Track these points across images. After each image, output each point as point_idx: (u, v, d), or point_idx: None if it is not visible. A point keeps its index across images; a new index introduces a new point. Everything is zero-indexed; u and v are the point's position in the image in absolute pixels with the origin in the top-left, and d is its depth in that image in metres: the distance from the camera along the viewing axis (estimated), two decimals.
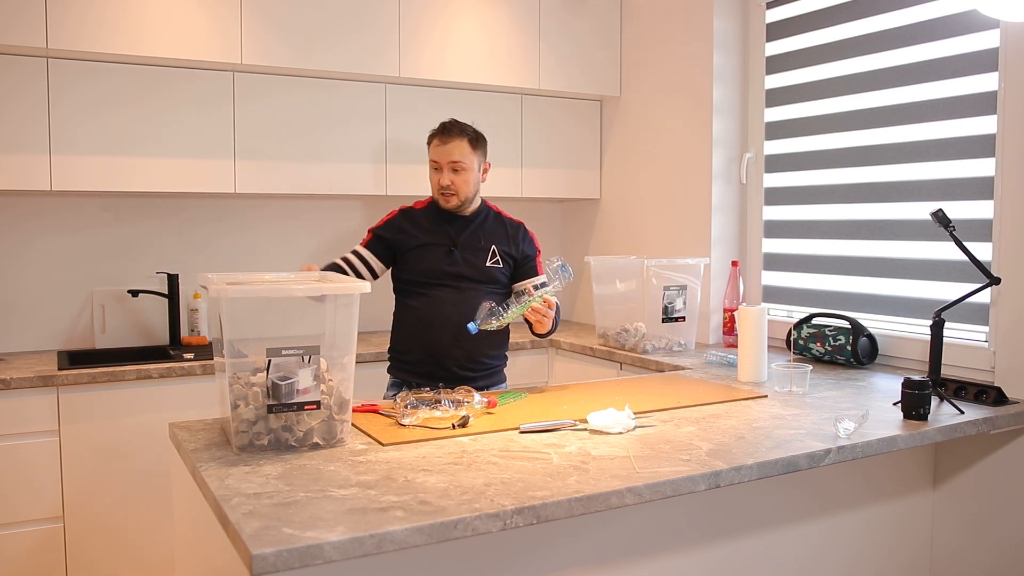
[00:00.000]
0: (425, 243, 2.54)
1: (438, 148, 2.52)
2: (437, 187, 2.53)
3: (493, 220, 2.64)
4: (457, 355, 2.50)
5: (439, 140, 2.53)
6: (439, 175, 2.52)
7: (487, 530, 1.38)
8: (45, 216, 3.14)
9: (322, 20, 3.12)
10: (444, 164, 2.50)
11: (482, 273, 2.55)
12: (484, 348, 2.55)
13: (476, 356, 2.54)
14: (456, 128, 2.53)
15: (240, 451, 1.69)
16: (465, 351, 2.51)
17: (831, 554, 2.17)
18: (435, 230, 2.56)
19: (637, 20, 3.62)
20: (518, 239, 2.64)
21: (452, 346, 2.48)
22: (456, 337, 2.46)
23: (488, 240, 2.58)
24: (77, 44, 2.76)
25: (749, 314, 2.44)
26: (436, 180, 2.53)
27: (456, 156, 2.50)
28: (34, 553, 2.65)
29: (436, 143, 2.54)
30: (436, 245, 2.54)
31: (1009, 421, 2.14)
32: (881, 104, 2.74)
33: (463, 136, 2.52)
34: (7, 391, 2.59)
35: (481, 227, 2.59)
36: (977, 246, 2.38)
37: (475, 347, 2.52)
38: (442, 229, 2.56)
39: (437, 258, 2.52)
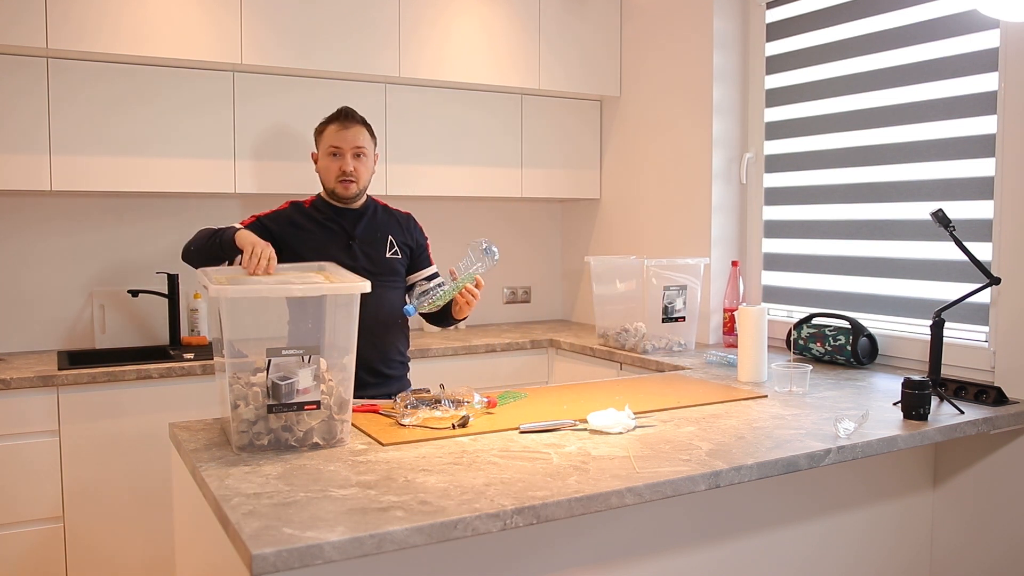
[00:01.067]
0: (321, 239, 2.43)
1: (339, 133, 2.45)
2: (338, 173, 2.43)
3: (383, 212, 2.58)
4: (370, 358, 2.38)
5: (340, 125, 2.46)
6: (340, 161, 2.44)
7: (487, 530, 1.38)
8: (45, 216, 3.14)
9: (322, 20, 3.12)
10: (347, 150, 2.44)
11: (383, 266, 2.48)
12: (392, 349, 2.49)
13: (388, 353, 2.48)
14: (355, 115, 2.49)
15: (240, 451, 1.69)
16: (378, 349, 2.43)
17: (831, 554, 2.17)
18: (329, 225, 2.47)
19: (637, 20, 3.62)
20: (411, 228, 2.61)
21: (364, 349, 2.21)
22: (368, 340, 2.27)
23: (383, 231, 2.53)
24: (77, 44, 2.76)
25: (749, 314, 2.44)
26: (337, 167, 2.43)
27: (360, 142, 2.45)
28: (34, 553, 2.65)
29: (336, 128, 2.46)
30: (333, 241, 2.45)
31: (1009, 421, 2.14)
32: (881, 104, 2.74)
33: (362, 123, 2.49)
34: (7, 391, 2.59)
35: (373, 219, 2.54)
36: (977, 246, 2.38)
37: (385, 348, 2.45)
38: (336, 223, 2.48)
39: (336, 254, 2.40)
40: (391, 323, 2.50)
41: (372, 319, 2.34)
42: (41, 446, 2.64)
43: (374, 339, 2.39)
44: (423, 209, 3.69)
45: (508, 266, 4.01)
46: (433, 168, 3.45)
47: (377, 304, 2.39)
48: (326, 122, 2.51)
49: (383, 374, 2.48)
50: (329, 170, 2.46)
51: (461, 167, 3.51)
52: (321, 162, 2.49)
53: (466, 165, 3.52)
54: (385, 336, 2.48)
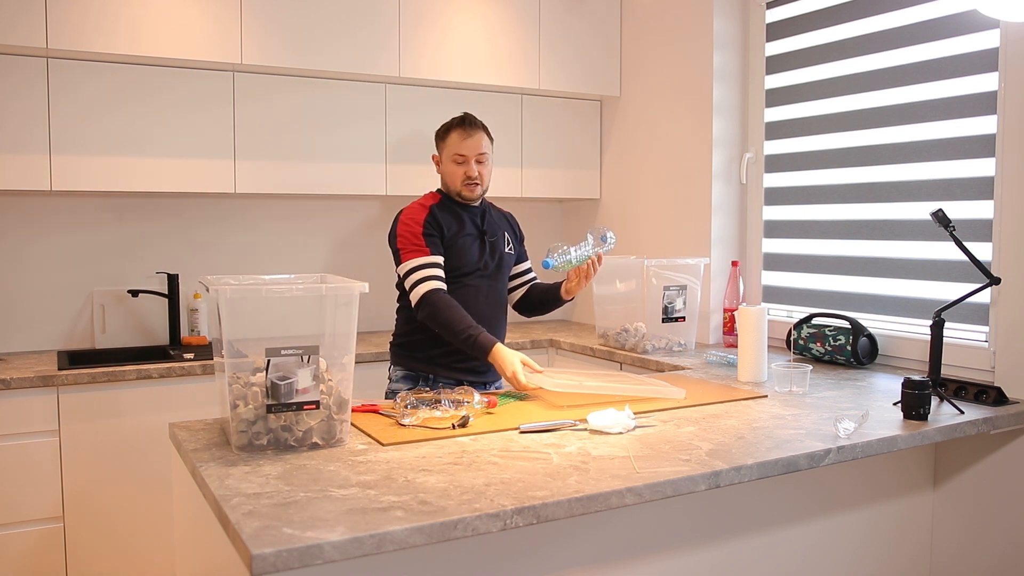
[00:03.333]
0: (463, 235, 2.54)
1: (465, 141, 2.54)
2: (463, 178, 2.53)
3: (493, 210, 2.70)
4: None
5: (464, 132, 2.55)
6: (465, 167, 2.54)
7: (487, 530, 1.38)
8: (45, 216, 3.14)
9: (322, 20, 3.12)
10: (471, 156, 2.53)
11: (505, 260, 2.62)
12: (502, 334, 2.61)
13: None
14: (477, 121, 2.59)
15: (240, 451, 1.69)
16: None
17: (831, 554, 2.17)
18: (464, 221, 2.57)
19: (637, 20, 3.62)
20: (515, 226, 2.75)
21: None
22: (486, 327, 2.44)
23: (501, 228, 2.65)
24: (77, 44, 2.76)
25: (749, 314, 2.44)
26: (462, 172, 2.53)
27: (482, 148, 2.55)
28: (34, 553, 2.65)
29: (460, 135, 2.55)
30: (471, 236, 2.56)
31: (1009, 421, 2.14)
32: (881, 104, 2.74)
33: (483, 129, 2.59)
34: (7, 391, 2.59)
35: (492, 216, 2.65)
36: (977, 246, 2.38)
37: (499, 335, 2.57)
38: (468, 220, 2.58)
39: (475, 249, 2.54)
40: (502, 315, 2.64)
41: (491, 312, 2.55)
42: (41, 446, 2.64)
43: (492, 329, 2.49)
44: None
45: None
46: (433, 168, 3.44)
47: (498, 296, 2.59)
48: (449, 127, 2.58)
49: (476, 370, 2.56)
50: (455, 174, 2.55)
51: None
52: (446, 166, 2.57)
53: None
54: (498, 326, 2.59)
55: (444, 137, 2.59)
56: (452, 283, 2.50)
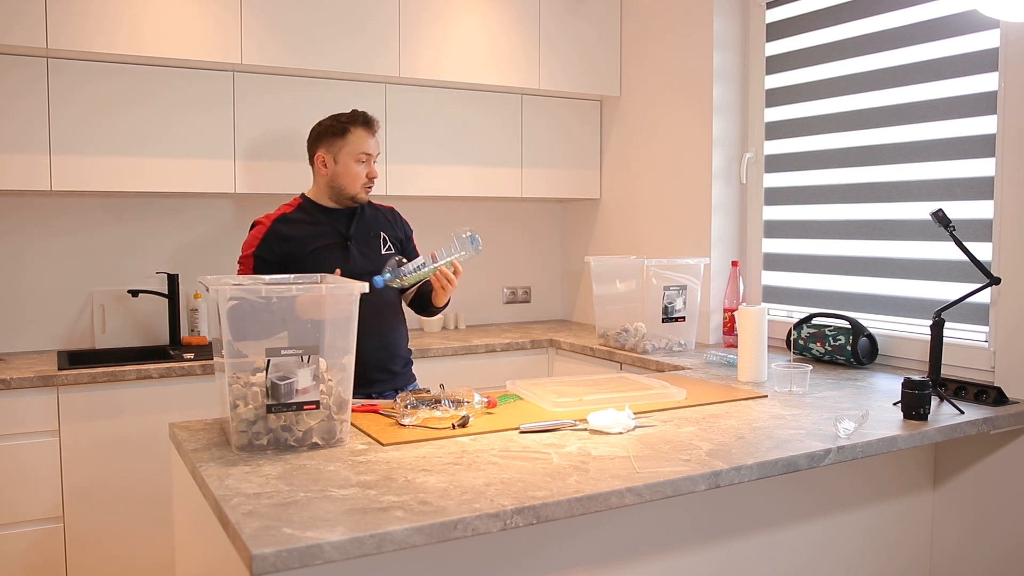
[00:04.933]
0: (317, 246, 2.41)
1: (370, 140, 2.46)
2: (365, 180, 2.45)
3: (370, 208, 2.58)
4: (380, 358, 2.44)
5: (368, 131, 2.46)
6: (368, 167, 2.46)
7: (487, 530, 1.38)
8: (45, 216, 3.14)
9: (322, 20, 3.12)
10: (375, 155, 2.47)
11: (379, 263, 2.45)
12: (399, 345, 2.52)
13: (396, 352, 2.51)
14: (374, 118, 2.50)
15: (240, 451, 1.69)
16: (387, 350, 2.46)
17: (831, 554, 2.17)
18: (323, 229, 2.45)
19: (637, 20, 3.62)
20: (398, 222, 2.63)
21: (375, 350, 2.39)
22: (376, 340, 2.38)
23: (375, 228, 2.54)
24: (77, 44, 2.76)
25: (749, 314, 2.44)
26: (365, 172, 2.45)
27: (379, 148, 2.49)
28: (34, 553, 2.65)
29: (365, 133, 2.45)
30: (329, 245, 2.43)
31: (1009, 421, 2.14)
32: (881, 104, 2.74)
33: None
34: (7, 391, 2.59)
35: (364, 217, 2.53)
36: (977, 246, 2.38)
37: (393, 346, 2.48)
38: (329, 226, 2.46)
39: (333, 259, 2.40)
40: (393, 320, 2.53)
41: (376, 318, 2.39)
42: (41, 446, 2.64)
43: (380, 338, 2.42)
44: (423, 209, 3.69)
45: (508, 266, 4.01)
46: (433, 168, 3.45)
47: (381, 302, 2.41)
48: (347, 125, 2.46)
49: (391, 371, 2.49)
50: (356, 176, 2.44)
51: (461, 167, 3.51)
52: (345, 167, 2.44)
53: (466, 165, 3.52)
54: (390, 333, 2.50)
55: (342, 134, 2.45)
56: None
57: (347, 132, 2.46)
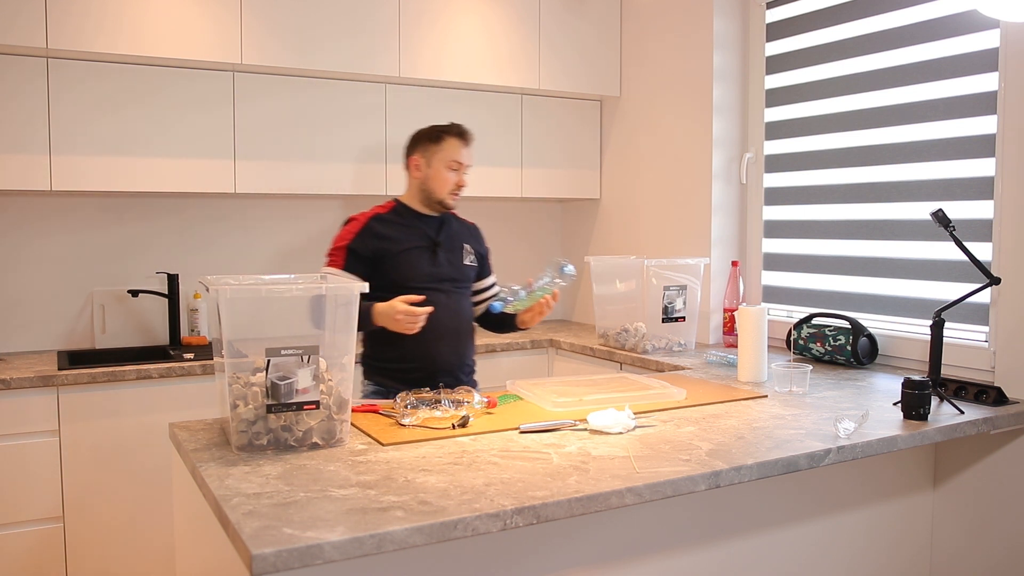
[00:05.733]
0: (408, 247, 2.48)
1: (463, 149, 2.53)
2: (453, 187, 2.53)
3: (456, 221, 2.66)
4: (452, 362, 2.50)
5: (462, 141, 2.54)
6: (459, 176, 2.53)
7: (487, 530, 1.38)
8: (45, 216, 3.14)
9: (322, 20, 3.12)
10: (466, 165, 2.54)
11: (462, 273, 2.56)
12: (468, 353, 2.57)
13: (465, 359, 2.56)
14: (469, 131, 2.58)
15: (240, 451, 1.69)
16: (458, 356, 2.52)
17: (831, 554, 2.17)
18: (413, 233, 2.52)
19: (637, 20, 3.62)
20: (479, 237, 2.71)
21: (449, 354, 2.49)
22: (451, 345, 2.48)
23: (461, 239, 2.61)
24: (77, 44, 2.76)
25: (749, 314, 2.44)
26: (455, 180, 2.53)
27: (472, 160, 2.56)
28: (34, 553, 2.65)
29: (459, 144, 2.53)
30: (419, 248, 2.50)
31: (1009, 421, 2.14)
32: (881, 104, 2.74)
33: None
34: (7, 391, 2.59)
35: (450, 227, 2.61)
36: (977, 246, 2.37)
37: (464, 353, 2.54)
38: (420, 231, 2.53)
39: (422, 261, 2.49)
40: (468, 329, 2.58)
41: (455, 325, 2.49)
42: (41, 446, 2.64)
43: (454, 344, 2.50)
44: None
45: (508, 266, 4.01)
46: None
47: (457, 310, 2.51)
48: (446, 132, 2.54)
49: (458, 377, 2.53)
50: (446, 182, 2.52)
51: None
52: (436, 171, 2.52)
53: None
54: (463, 340, 2.55)
55: (437, 141, 2.53)
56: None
57: (441, 140, 2.54)
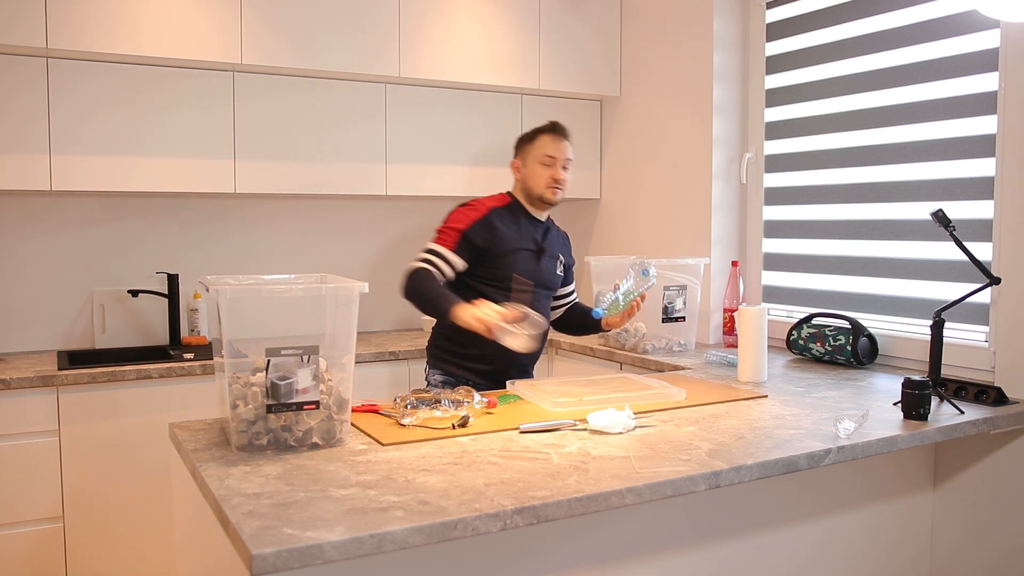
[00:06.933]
0: (517, 248, 2.55)
1: (555, 144, 2.58)
2: (550, 180, 2.56)
3: (555, 229, 2.73)
4: (525, 360, 2.58)
5: (555, 136, 2.59)
6: (552, 170, 2.57)
7: (487, 530, 1.38)
8: (45, 216, 3.14)
9: (322, 20, 3.12)
10: (560, 159, 2.57)
11: (554, 280, 2.65)
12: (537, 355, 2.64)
13: (534, 360, 2.64)
14: (566, 129, 2.63)
15: (240, 451, 1.69)
16: (532, 357, 2.60)
17: (831, 554, 2.17)
18: (524, 235, 2.59)
19: (637, 20, 3.62)
20: (569, 247, 2.78)
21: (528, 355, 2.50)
22: None
23: (557, 248, 2.68)
24: (77, 44, 2.76)
25: (749, 314, 2.44)
26: (549, 175, 2.57)
27: (569, 154, 2.61)
28: (34, 553, 2.65)
29: (552, 139, 2.59)
30: (527, 251, 2.57)
31: (1009, 421, 2.14)
32: (881, 104, 2.74)
33: (569, 137, 2.63)
34: (7, 391, 2.59)
35: (551, 235, 2.69)
36: (977, 246, 2.37)
37: (536, 354, 2.60)
38: (530, 234, 2.61)
39: (527, 264, 2.56)
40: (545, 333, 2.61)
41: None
42: (41, 446, 2.64)
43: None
44: (423, 209, 3.69)
45: None
46: (433, 168, 3.45)
47: (542, 314, 2.50)
48: (537, 132, 2.62)
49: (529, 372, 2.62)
50: (541, 177, 2.57)
51: (461, 167, 3.51)
52: (532, 168, 2.59)
53: (466, 165, 3.52)
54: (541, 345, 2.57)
55: (531, 140, 2.62)
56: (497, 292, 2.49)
57: (535, 138, 2.62)
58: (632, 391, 2.21)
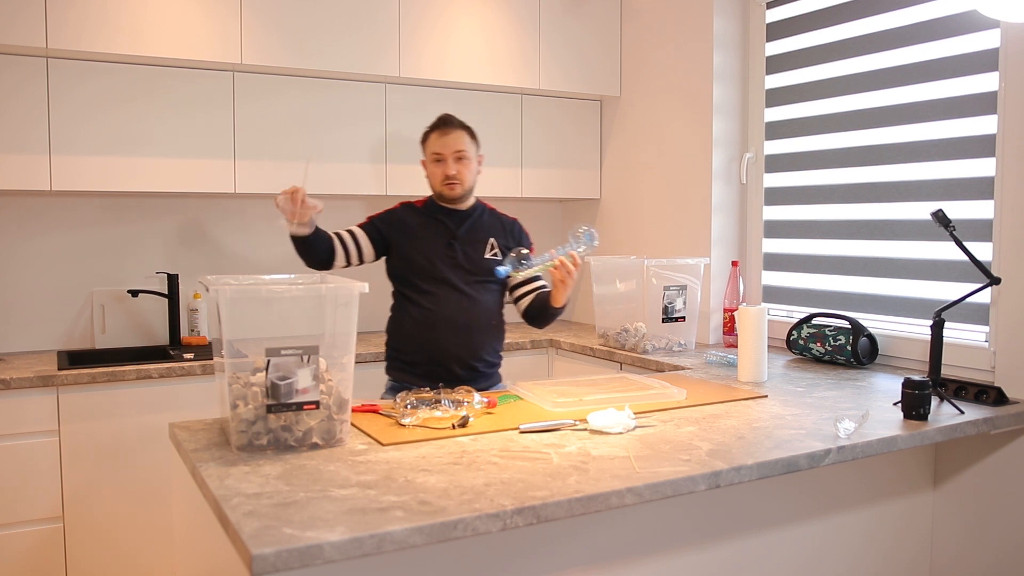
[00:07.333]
0: (425, 235, 2.57)
1: (441, 139, 2.57)
2: (442, 177, 2.56)
3: (489, 215, 2.69)
4: (462, 355, 2.53)
5: (440, 132, 2.58)
6: (443, 166, 2.56)
7: (487, 530, 1.38)
8: (45, 216, 3.14)
9: (322, 20, 3.12)
10: (448, 154, 2.55)
11: (480, 266, 2.58)
12: (485, 347, 2.58)
13: (480, 353, 2.56)
14: (455, 120, 2.61)
15: (240, 451, 1.69)
16: (470, 349, 2.54)
17: (831, 554, 2.17)
18: (434, 224, 2.60)
19: (637, 20, 3.62)
20: (515, 233, 2.71)
21: (457, 347, 2.51)
22: (461, 338, 2.51)
23: (486, 233, 2.63)
24: (77, 44, 2.76)
25: (749, 314, 2.44)
26: (440, 171, 2.57)
27: (460, 146, 2.56)
28: (34, 553, 2.65)
29: (437, 135, 2.58)
30: (436, 237, 2.57)
31: (1009, 421, 2.14)
32: (881, 104, 2.74)
33: (462, 128, 2.60)
34: (7, 391, 2.59)
35: (478, 221, 2.65)
36: (977, 246, 2.37)
37: (478, 347, 2.55)
38: (441, 223, 2.60)
39: (436, 249, 2.55)
40: (485, 322, 2.59)
41: (463, 315, 2.52)
42: (41, 446, 2.64)
43: (464, 336, 2.52)
44: None
45: None
46: None
47: (471, 303, 2.54)
48: (429, 130, 2.62)
49: (473, 368, 2.56)
50: (435, 175, 2.60)
51: None
52: (428, 168, 2.63)
53: None
54: (476, 334, 2.56)
55: (425, 139, 2.63)
56: (418, 291, 2.52)
57: (427, 137, 2.63)
58: (632, 391, 2.21)
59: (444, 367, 2.51)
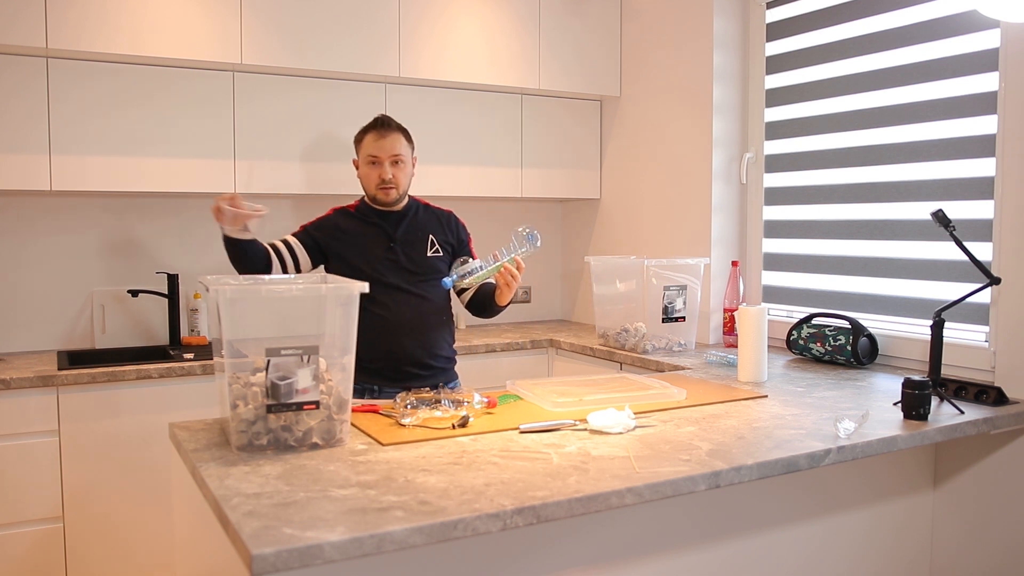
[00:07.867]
0: (364, 241, 2.55)
1: (377, 142, 2.54)
2: (378, 181, 2.53)
3: (424, 212, 2.66)
4: (417, 353, 2.52)
5: (377, 134, 2.55)
6: (379, 169, 2.53)
7: (487, 530, 1.38)
8: (45, 216, 3.14)
9: (322, 20, 3.12)
10: (385, 157, 2.53)
11: (424, 265, 2.56)
12: (440, 343, 2.58)
13: (436, 350, 2.56)
14: (393, 122, 2.58)
15: (240, 451, 1.69)
16: (425, 347, 2.53)
17: (831, 554, 2.17)
18: (371, 228, 2.57)
19: (637, 20, 3.62)
20: (452, 226, 2.69)
21: (415, 347, 2.51)
22: (418, 339, 2.51)
23: (424, 231, 2.61)
24: (77, 44, 2.76)
25: (749, 314, 2.44)
26: (376, 174, 2.53)
27: (397, 149, 2.54)
28: (34, 553, 2.65)
29: (373, 137, 2.55)
30: (375, 242, 2.55)
31: (1009, 421, 2.14)
32: (881, 104, 2.74)
33: (399, 130, 2.57)
34: (7, 391, 2.59)
35: (415, 220, 2.62)
36: (977, 246, 2.38)
37: (434, 344, 2.55)
38: (377, 227, 2.57)
39: (377, 255, 2.52)
40: (436, 320, 2.58)
41: (417, 316, 2.51)
42: (41, 446, 2.64)
43: (420, 336, 2.52)
44: None
45: None
46: (433, 168, 3.45)
47: (423, 303, 2.53)
48: (364, 131, 2.59)
49: (430, 366, 2.55)
50: (369, 178, 2.56)
51: (461, 167, 3.51)
52: (362, 169, 2.59)
53: (466, 165, 3.52)
54: (431, 332, 2.56)
55: (360, 140, 2.59)
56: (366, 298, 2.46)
57: (362, 137, 2.59)
58: (632, 391, 2.21)
59: (401, 368, 2.50)
